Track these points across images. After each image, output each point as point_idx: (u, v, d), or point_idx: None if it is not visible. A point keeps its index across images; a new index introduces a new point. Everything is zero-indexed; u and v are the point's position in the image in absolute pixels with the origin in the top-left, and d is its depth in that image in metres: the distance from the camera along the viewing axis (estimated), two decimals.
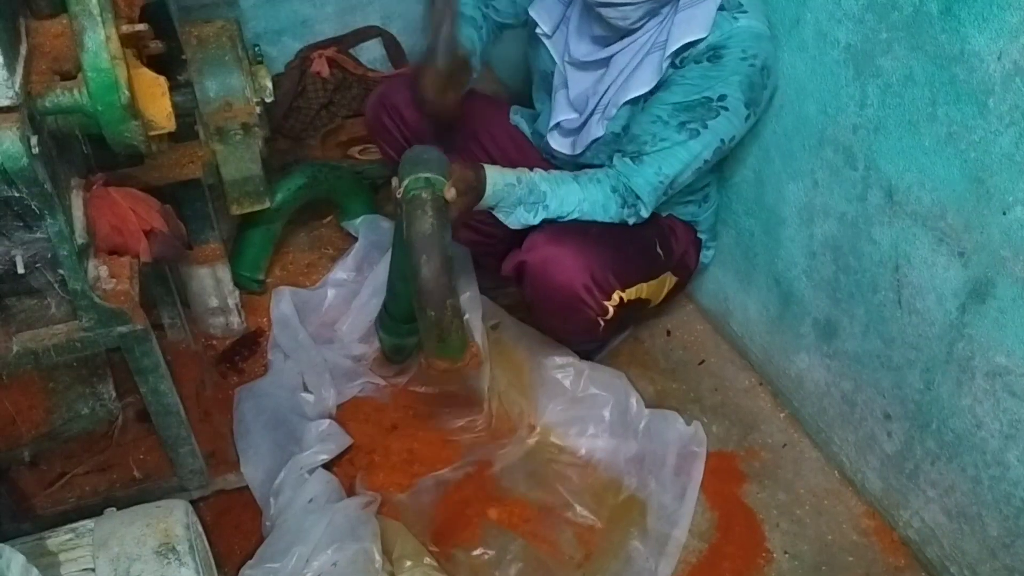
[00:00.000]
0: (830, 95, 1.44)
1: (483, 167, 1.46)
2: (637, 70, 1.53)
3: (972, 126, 1.19)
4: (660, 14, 1.49)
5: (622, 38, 1.54)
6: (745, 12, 1.44)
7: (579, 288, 1.51)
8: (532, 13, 1.67)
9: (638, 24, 1.49)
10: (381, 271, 1.81)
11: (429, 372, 1.49)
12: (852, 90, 1.39)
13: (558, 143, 1.72)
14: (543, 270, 1.52)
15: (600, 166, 1.59)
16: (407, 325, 1.69)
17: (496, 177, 1.46)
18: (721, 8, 1.44)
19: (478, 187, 1.44)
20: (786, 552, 1.55)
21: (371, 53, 2.58)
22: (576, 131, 1.67)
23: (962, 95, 1.19)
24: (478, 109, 1.85)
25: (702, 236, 1.81)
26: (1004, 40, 1.11)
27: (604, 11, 1.48)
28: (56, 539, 1.14)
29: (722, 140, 1.51)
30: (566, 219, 1.53)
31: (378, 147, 1.96)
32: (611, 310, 1.56)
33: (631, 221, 1.57)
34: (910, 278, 1.38)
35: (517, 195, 1.48)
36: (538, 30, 1.67)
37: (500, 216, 1.51)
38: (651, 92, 1.52)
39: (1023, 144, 1.12)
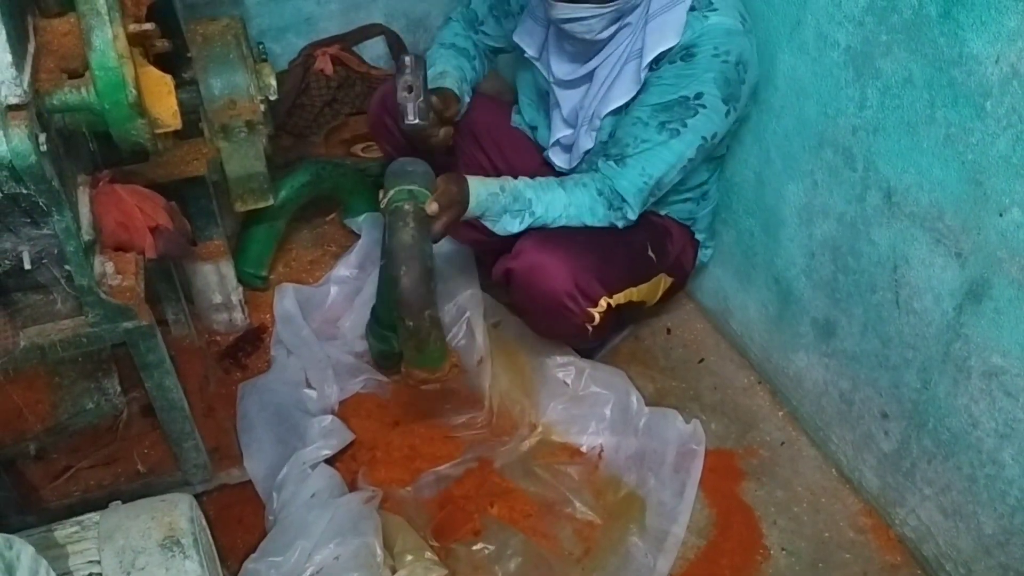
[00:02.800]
0: (830, 97, 1.45)
1: (466, 179, 1.47)
2: (617, 80, 1.55)
3: (970, 128, 1.20)
4: (630, 24, 1.50)
5: (597, 52, 1.55)
6: (715, 10, 1.46)
7: (563, 296, 1.52)
8: (516, 39, 1.69)
9: (604, 34, 1.50)
10: None
11: (408, 381, 1.50)
12: (852, 92, 1.40)
13: (559, 159, 1.74)
14: (528, 277, 1.53)
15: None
16: (393, 332, 1.70)
17: (479, 188, 1.47)
18: (692, 8, 1.46)
19: (462, 200, 1.45)
20: (783, 549, 1.56)
21: (375, 51, 2.58)
22: (571, 146, 1.69)
23: (960, 98, 1.20)
24: (480, 111, 1.86)
25: (699, 236, 1.82)
26: (1002, 43, 1.12)
27: (569, 27, 1.49)
28: (63, 532, 1.15)
29: (704, 138, 1.51)
30: (554, 224, 1.54)
31: (380, 147, 1.97)
32: (597, 316, 1.57)
33: (619, 224, 1.58)
34: (908, 278, 1.39)
35: (501, 204, 1.49)
36: (525, 55, 1.69)
37: (488, 224, 1.52)
38: (632, 99, 1.54)
39: (1020, 146, 1.13)
